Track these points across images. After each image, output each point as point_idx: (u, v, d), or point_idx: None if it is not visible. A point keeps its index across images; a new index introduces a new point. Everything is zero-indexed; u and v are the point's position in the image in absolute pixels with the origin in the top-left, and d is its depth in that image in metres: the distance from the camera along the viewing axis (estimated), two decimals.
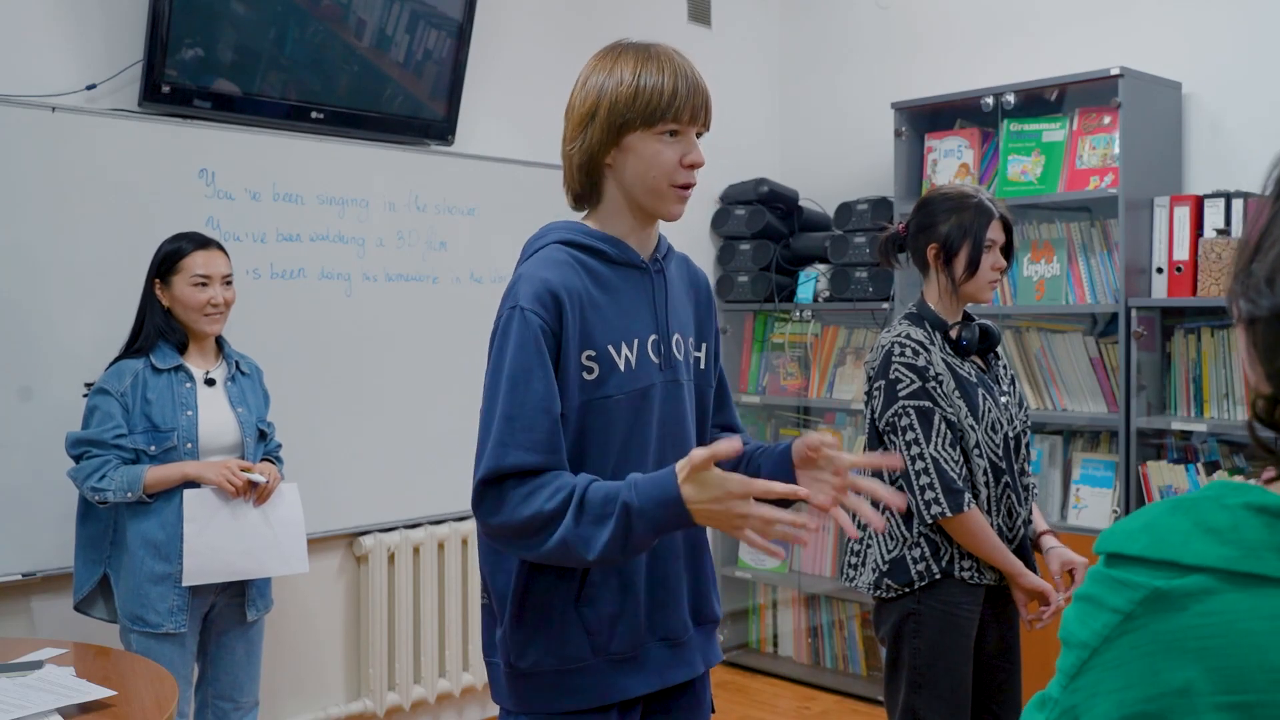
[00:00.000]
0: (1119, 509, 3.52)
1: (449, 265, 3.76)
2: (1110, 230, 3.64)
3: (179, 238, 2.72)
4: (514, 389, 1.55)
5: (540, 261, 1.63)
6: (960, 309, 2.49)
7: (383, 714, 3.62)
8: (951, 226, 2.44)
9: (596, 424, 1.62)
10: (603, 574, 1.63)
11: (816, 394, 4.49)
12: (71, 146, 2.95)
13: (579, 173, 1.67)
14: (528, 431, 1.54)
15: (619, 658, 1.65)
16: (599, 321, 1.62)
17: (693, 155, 1.63)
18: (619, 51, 1.65)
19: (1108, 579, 0.77)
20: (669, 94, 1.60)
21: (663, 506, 1.47)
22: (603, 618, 1.63)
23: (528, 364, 1.56)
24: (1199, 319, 3.54)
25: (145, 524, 2.59)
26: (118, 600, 2.64)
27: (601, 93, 1.62)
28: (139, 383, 2.61)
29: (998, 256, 2.44)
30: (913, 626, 2.41)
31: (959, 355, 2.44)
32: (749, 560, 4.69)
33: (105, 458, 2.57)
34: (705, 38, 4.68)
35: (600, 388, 1.61)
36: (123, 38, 3.10)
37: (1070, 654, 0.78)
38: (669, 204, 1.65)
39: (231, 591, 2.74)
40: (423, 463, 3.67)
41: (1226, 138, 3.69)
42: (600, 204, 1.69)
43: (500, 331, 1.61)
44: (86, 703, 1.94)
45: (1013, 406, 2.47)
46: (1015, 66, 4.05)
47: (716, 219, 4.71)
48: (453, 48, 3.65)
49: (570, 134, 1.66)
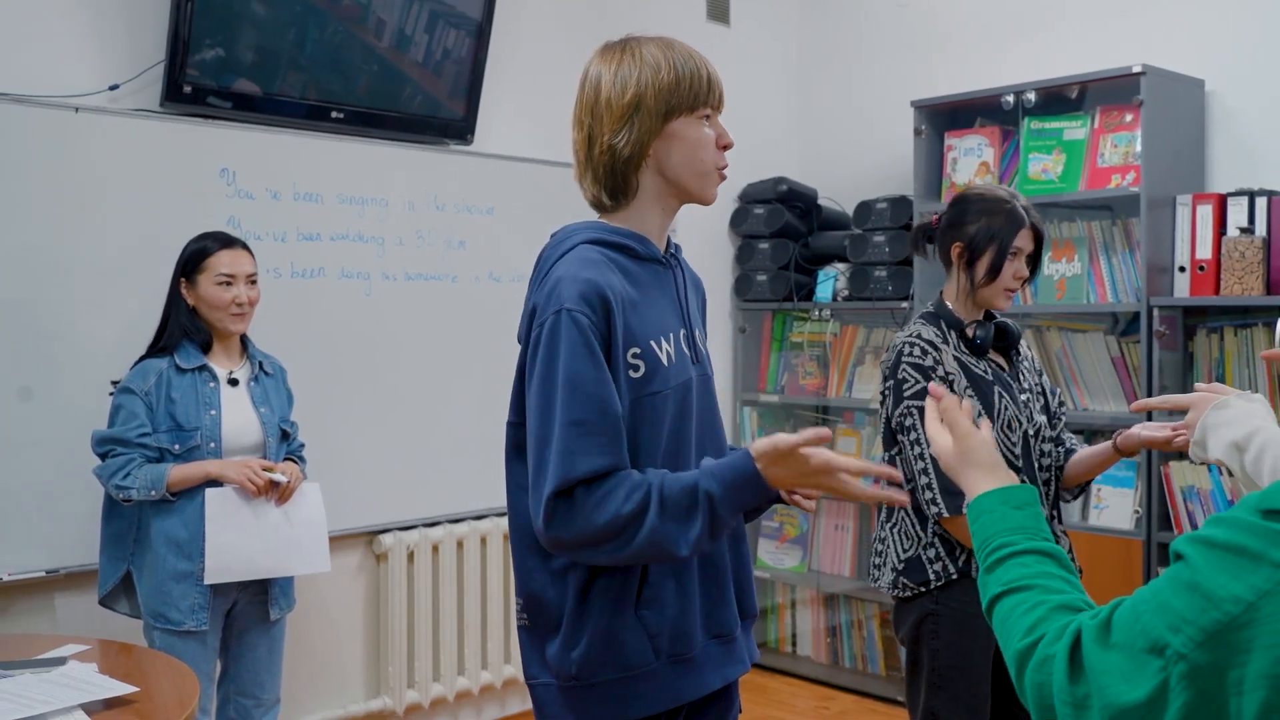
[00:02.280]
0: (1140, 509, 3.50)
1: (468, 264, 3.77)
2: (1132, 229, 3.62)
3: (204, 237, 2.74)
4: (573, 394, 1.52)
5: (577, 262, 1.59)
6: (979, 309, 2.48)
7: (402, 712, 3.63)
8: (980, 228, 2.43)
9: (646, 421, 1.60)
10: (660, 574, 1.61)
11: (835, 393, 4.48)
12: (94, 146, 2.98)
13: (625, 166, 1.63)
14: (595, 435, 1.51)
15: (680, 659, 1.63)
16: (639, 319, 1.61)
17: (727, 137, 1.68)
18: (635, 44, 1.65)
19: (1267, 531, 0.75)
20: (704, 79, 1.64)
21: (743, 490, 1.50)
22: (664, 619, 1.61)
23: (583, 366, 1.53)
24: (1221, 318, 3.51)
25: (168, 522, 2.61)
26: (140, 597, 2.66)
27: (641, 82, 1.61)
28: (163, 382, 2.62)
29: (1021, 265, 2.42)
30: (931, 627, 2.41)
31: (974, 354, 2.43)
32: (768, 560, 4.68)
33: (130, 456, 2.59)
34: (724, 36, 4.67)
35: (648, 385, 1.60)
36: (144, 38, 3.12)
37: (1210, 608, 0.75)
38: (713, 186, 1.69)
39: (254, 590, 2.75)
40: (442, 461, 3.68)
41: (1250, 135, 3.66)
42: (633, 199, 1.67)
43: (547, 336, 1.55)
44: (110, 699, 1.96)
45: (1034, 404, 2.46)
46: (1036, 64, 4.02)
47: (735, 218, 4.70)
48: (472, 47, 3.66)
49: (611, 127, 1.62)
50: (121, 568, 2.68)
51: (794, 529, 4.65)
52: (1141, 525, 3.49)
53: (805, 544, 4.61)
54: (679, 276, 1.76)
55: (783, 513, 4.69)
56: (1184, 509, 3.42)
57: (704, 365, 1.73)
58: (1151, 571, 3.45)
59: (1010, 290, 2.43)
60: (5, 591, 2.89)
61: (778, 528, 4.69)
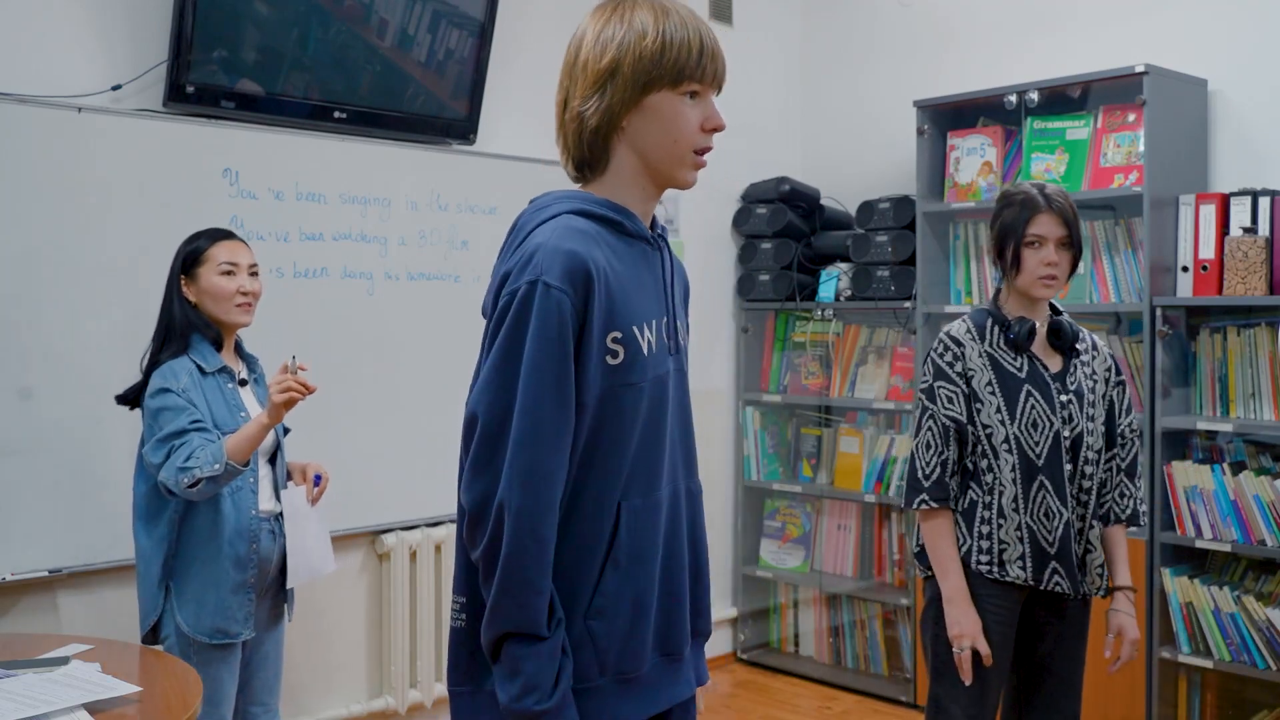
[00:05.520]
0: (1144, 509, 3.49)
1: (470, 264, 3.77)
2: (1135, 229, 3.62)
3: (198, 235, 2.65)
4: (533, 401, 1.40)
5: (560, 231, 1.44)
6: (1031, 304, 2.48)
7: (404, 711, 3.63)
8: (1000, 223, 2.49)
9: (616, 414, 1.46)
10: (617, 584, 1.48)
11: (838, 393, 4.48)
12: (97, 147, 2.98)
13: (592, 136, 1.49)
14: (545, 483, 1.41)
15: (625, 677, 1.51)
16: (624, 301, 1.46)
17: (716, 118, 1.51)
18: (630, 4, 1.49)
19: None
20: (695, 51, 1.47)
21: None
22: (614, 633, 1.48)
23: (547, 363, 1.40)
24: (1225, 318, 3.50)
25: (226, 535, 2.51)
26: (188, 617, 2.50)
27: (621, 47, 1.45)
28: (194, 383, 2.51)
29: (1050, 252, 2.41)
30: (934, 613, 2.45)
31: (1015, 350, 2.44)
32: (770, 560, 4.68)
33: (186, 441, 2.41)
34: (727, 35, 4.67)
35: (624, 373, 1.46)
36: (148, 38, 3.13)
37: None
38: (686, 171, 1.52)
39: (273, 592, 2.69)
40: (445, 460, 3.65)
41: (1253, 135, 3.66)
42: (605, 173, 1.52)
43: (518, 306, 1.41)
44: (112, 698, 1.96)
45: (1081, 410, 2.43)
46: (1038, 64, 4.02)
47: (738, 217, 4.70)
48: (474, 47, 3.66)
49: (583, 93, 1.48)
50: (161, 595, 2.53)
51: (797, 529, 4.65)
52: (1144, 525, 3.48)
53: (808, 544, 4.61)
54: (665, 259, 1.60)
55: (785, 512, 4.69)
56: (1187, 509, 3.42)
57: (681, 357, 1.60)
58: (1154, 571, 3.45)
59: (1045, 279, 2.42)
60: (8, 591, 2.89)
61: (780, 527, 4.69)
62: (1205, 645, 3.38)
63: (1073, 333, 2.48)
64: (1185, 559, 3.52)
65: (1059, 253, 2.42)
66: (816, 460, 4.60)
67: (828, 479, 4.52)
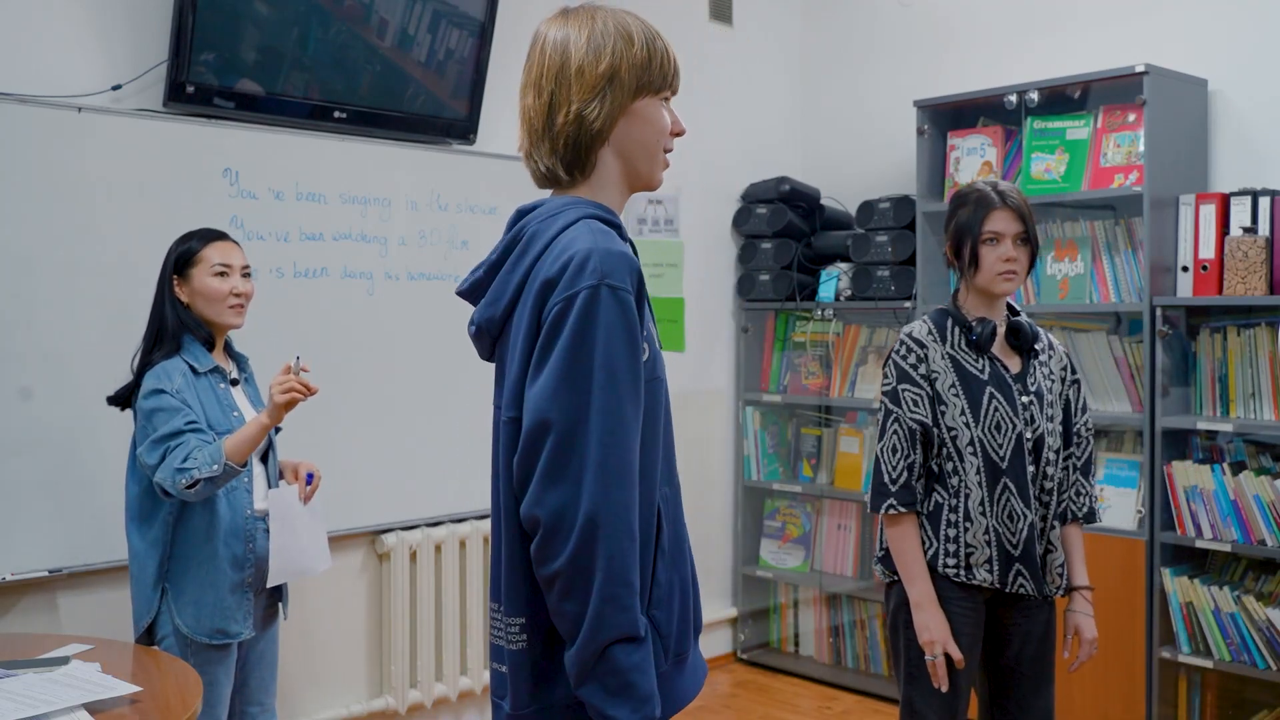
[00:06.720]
0: (1143, 509, 3.49)
1: (470, 264, 3.71)
2: (1135, 228, 3.62)
3: (190, 235, 2.64)
4: (614, 403, 1.39)
5: (599, 234, 1.46)
6: (990, 303, 2.48)
7: (404, 711, 3.63)
8: (955, 221, 2.49)
9: (654, 408, 1.49)
10: (667, 573, 1.51)
11: (838, 393, 4.48)
12: (97, 146, 2.98)
13: (588, 140, 1.52)
14: (632, 482, 1.40)
15: (681, 659, 1.55)
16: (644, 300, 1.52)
17: (680, 124, 1.60)
18: (603, 11, 1.55)
19: None
20: (672, 59, 1.57)
21: None
22: (671, 620, 1.52)
23: (623, 364, 1.40)
24: (1225, 318, 3.50)
25: (222, 535, 2.51)
26: (186, 618, 2.50)
27: (616, 54, 1.51)
28: (188, 384, 2.51)
29: (1007, 248, 2.41)
30: (904, 617, 2.45)
31: (976, 351, 2.43)
32: (770, 560, 4.68)
33: (183, 441, 2.41)
34: (726, 36, 4.67)
35: (652, 368, 1.49)
36: (147, 38, 3.12)
37: None
38: (661, 171, 1.60)
39: (270, 593, 2.69)
40: (445, 460, 3.68)
41: (1253, 135, 3.66)
42: (589, 178, 1.55)
43: (581, 312, 1.39)
44: (112, 698, 1.96)
45: (1040, 410, 2.44)
46: (1038, 64, 4.02)
47: (738, 217, 4.70)
48: (474, 47, 3.66)
49: (582, 97, 1.51)
50: (156, 597, 2.52)
51: (796, 529, 4.65)
52: (1144, 525, 3.48)
53: (808, 544, 4.61)
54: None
55: (785, 512, 4.69)
56: (1187, 509, 3.42)
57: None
58: (1154, 571, 3.45)
59: (1004, 275, 2.42)
60: (8, 591, 2.89)
61: (780, 527, 4.69)
62: (1205, 645, 3.38)
63: (1032, 333, 2.48)
64: (1185, 559, 3.52)
65: (1017, 248, 2.42)
66: (816, 460, 4.60)
67: (828, 479, 4.52)
